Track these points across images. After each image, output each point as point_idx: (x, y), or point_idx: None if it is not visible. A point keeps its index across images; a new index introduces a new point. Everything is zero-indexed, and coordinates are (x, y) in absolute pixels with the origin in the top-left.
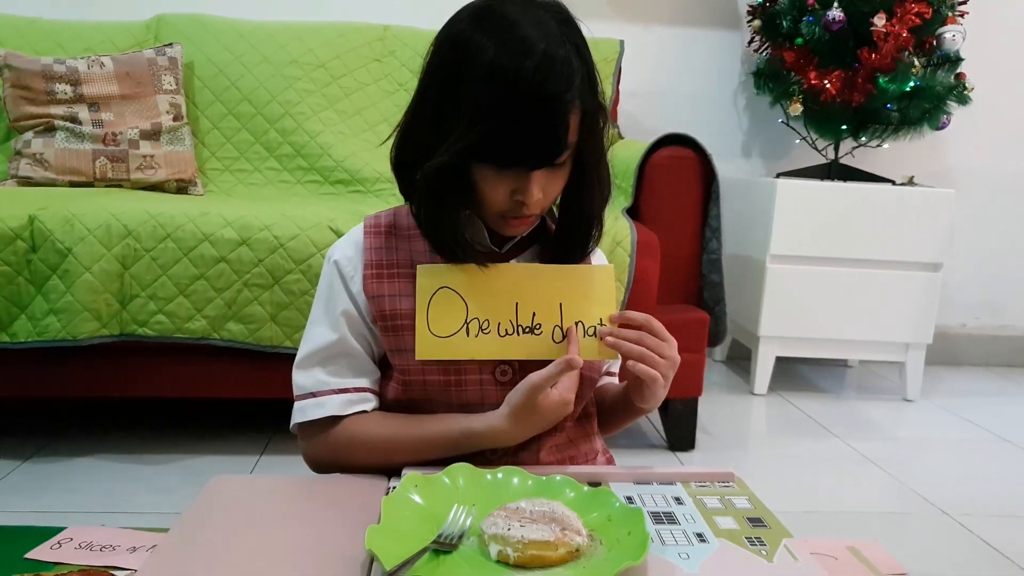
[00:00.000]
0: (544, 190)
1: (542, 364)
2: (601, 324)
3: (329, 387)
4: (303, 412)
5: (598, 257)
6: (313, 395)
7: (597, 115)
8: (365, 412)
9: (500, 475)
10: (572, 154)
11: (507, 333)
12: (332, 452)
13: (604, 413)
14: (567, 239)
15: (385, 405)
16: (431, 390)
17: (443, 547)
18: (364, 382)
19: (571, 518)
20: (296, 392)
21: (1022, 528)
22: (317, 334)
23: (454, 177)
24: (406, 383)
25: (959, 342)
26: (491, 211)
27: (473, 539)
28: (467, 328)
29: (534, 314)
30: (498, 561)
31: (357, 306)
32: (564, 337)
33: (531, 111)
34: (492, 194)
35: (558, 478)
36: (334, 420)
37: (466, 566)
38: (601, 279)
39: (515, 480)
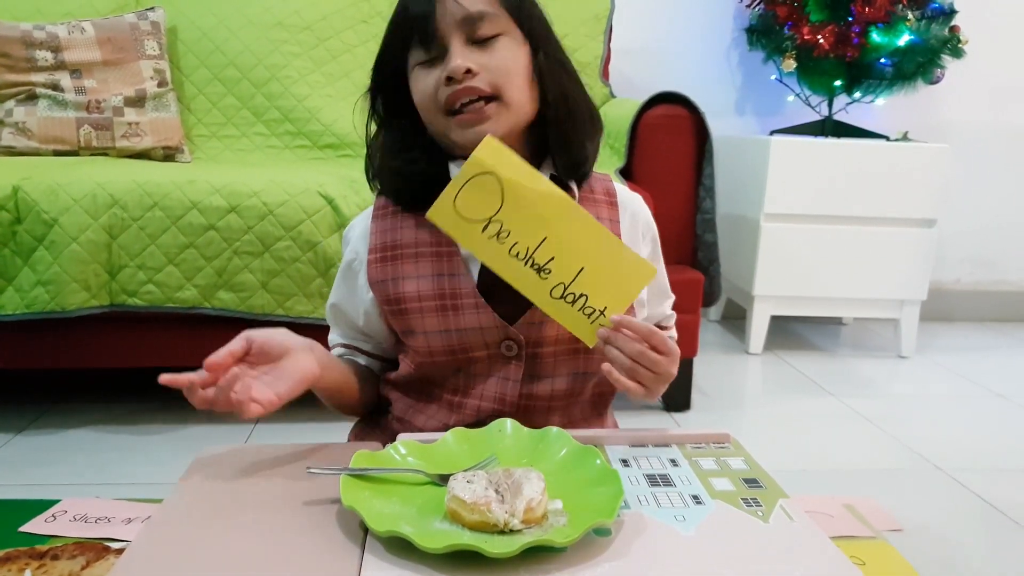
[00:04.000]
0: (479, 64)
1: (552, 336)
2: (602, 312)
3: (332, 343)
4: None
5: (629, 213)
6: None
7: None
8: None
9: (495, 429)
10: (511, 33)
11: (517, 255)
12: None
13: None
14: (555, 139)
15: (400, 377)
16: (439, 367)
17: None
18: (351, 340)
19: (531, 495)
20: None
21: (1016, 482)
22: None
23: (403, 116)
24: (417, 362)
25: (954, 298)
26: (437, 113)
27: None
28: (488, 225)
29: (552, 258)
30: (445, 515)
31: (354, 302)
32: (562, 296)
33: None
34: (425, 89)
35: (554, 431)
36: None
37: (417, 512)
38: (636, 274)
39: (508, 429)
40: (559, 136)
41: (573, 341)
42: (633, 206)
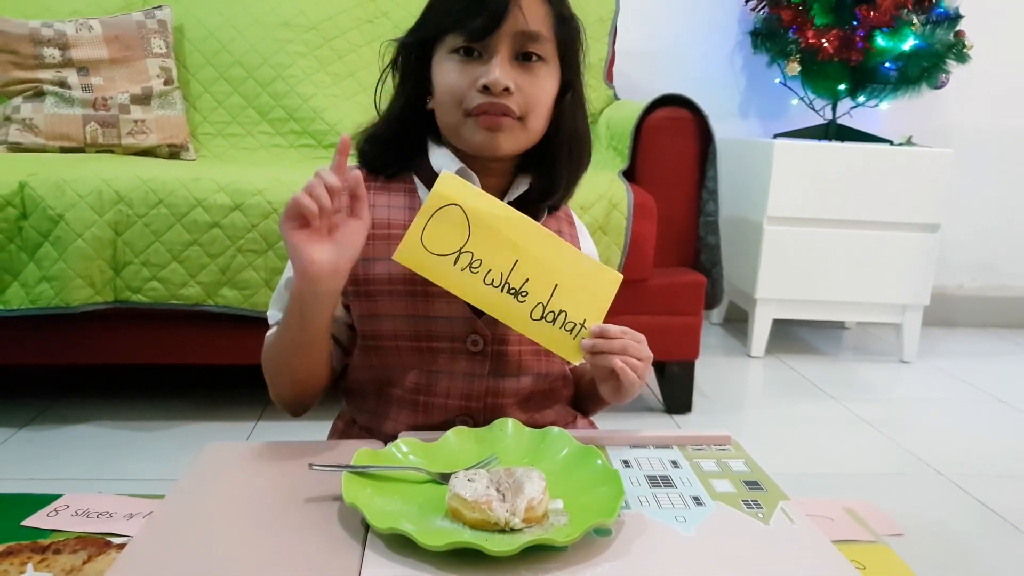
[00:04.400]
0: (519, 85)
1: (517, 335)
2: (583, 325)
3: (273, 321)
4: (266, 341)
5: (585, 237)
6: (270, 327)
7: (569, 20)
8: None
9: (496, 428)
10: (552, 62)
11: (492, 283)
12: (265, 372)
13: (579, 395)
14: (542, 177)
15: (356, 374)
16: (403, 356)
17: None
18: None
19: (532, 494)
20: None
21: (1017, 488)
22: (281, 277)
23: (415, 85)
24: (378, 348)
25: (956, 303)
26: (457, 108)
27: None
28: (458, 257)
29: (527, 280)
30: (446, 514)
31: None
32: (542, 317)
33: None
34: (456, 83)
35: (555, 431)
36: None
37: (418, 509)
38: (605, 283)
39: (509, 429)
40: (554, 169)
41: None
42: (586, 233)
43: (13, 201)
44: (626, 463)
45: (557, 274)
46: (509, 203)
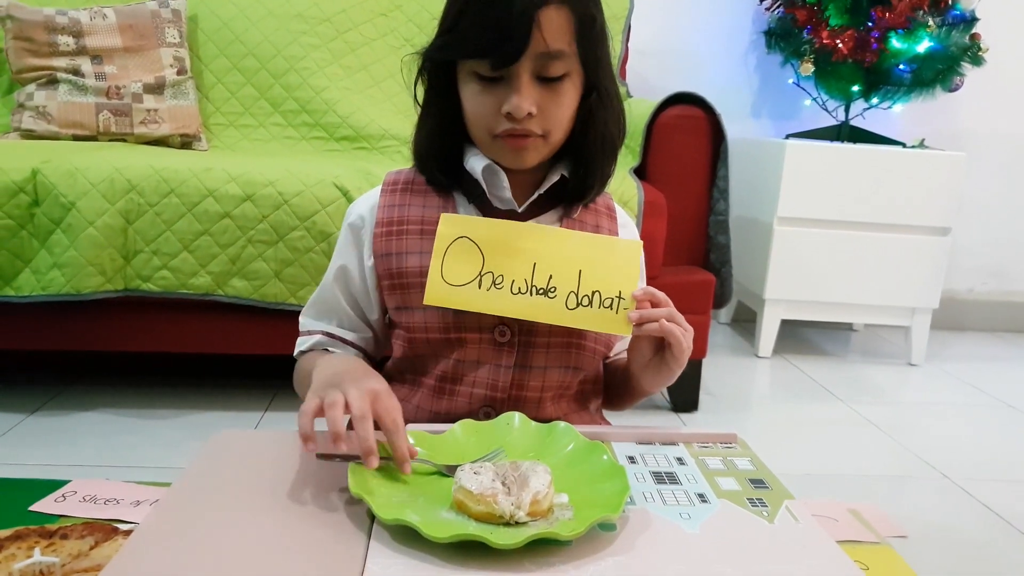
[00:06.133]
0: (541, 107)
1: (546, 327)
2: (620, 297)
3: (306, 328)
4: (297, 347)
5: (628, 230)
6: (302, 333)
7: (592, 23)
8: (314, 351)
9: (503, 422)
10: (575, 73)
11: (520, 291)
12: (295, 382)
13: (614, 388)
14: (576, 173)
15: (392, 362)
16: (433, 346)
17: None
18: (330, 327)
19: (538, 488)
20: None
21: (1022, 492)
22: (322, 281)
23: (444, 97)
24: (411, 340)
25: (965, 307)
26: (484, 131)
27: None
28: (480, 280)
29: (551, 276)
30: (451, 506)
31: (361, 266)
32: (578, 304)
33: (497, 1)
34: (480, 108)
35: (561, 425)
36: (301, 355)
37: (424, 501)
38: (627, 252)
39: (516, 422)
40: (584, 166)
41: (566, 335)
42: (630, 227)
43: (25, 188)
44: (632, 459)
45: (577, 261)
46: (540, 195)
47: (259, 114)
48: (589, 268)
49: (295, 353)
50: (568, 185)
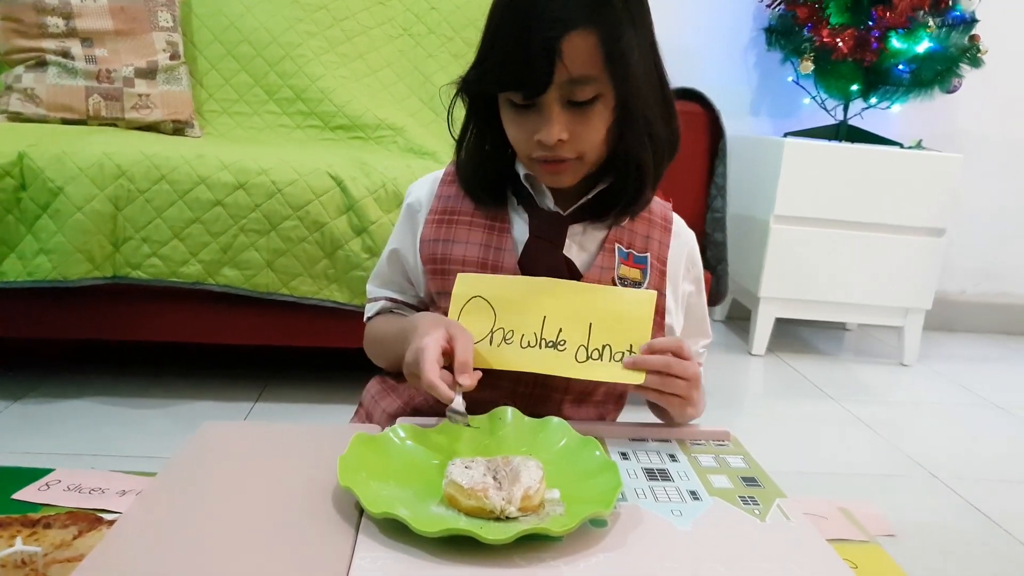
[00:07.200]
0: (572, 132)
1: (558, 379)
2: (631, 351)
3: (372, 295)
4: (366, 312)
5: (681, 240)
6: (368, 300)
7: (623, 42)
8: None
9: (496, 416)
10: (606, 93)
11: (529, 345)
12: (365, 345)
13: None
14: (614, 189)
15: None
16: None
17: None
18: (393, 294)
19: (529, 483)
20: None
21: (1010, 493)
22: (381, 255)
23: (485, 121)
24: None
25: (958, 308)
26: (523, 155)
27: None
28: (491, 337)
29: (560, 329)
30: (441, 500)
31: (414, 247)
32: (588, 357)
33: (521, 33)
34: (516, 134)
35: (554, 421)
36: (370, 319)
37: (413, 495)
38: (638, 304)
39: (508, 417)
40: (621, 179)
41: None
42: (686, 237)
43: (12, 172)
44: (624, 455)
45: (587, 314)
46: (583, 204)
47: (253, 101)
48: (600, 322)
49: (365, 318)
50: (615, 195)
